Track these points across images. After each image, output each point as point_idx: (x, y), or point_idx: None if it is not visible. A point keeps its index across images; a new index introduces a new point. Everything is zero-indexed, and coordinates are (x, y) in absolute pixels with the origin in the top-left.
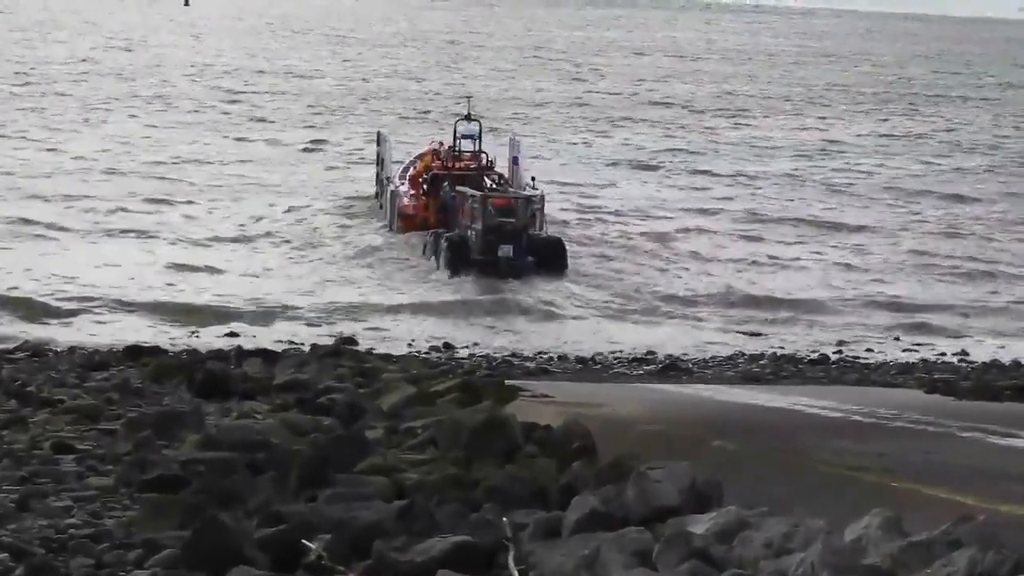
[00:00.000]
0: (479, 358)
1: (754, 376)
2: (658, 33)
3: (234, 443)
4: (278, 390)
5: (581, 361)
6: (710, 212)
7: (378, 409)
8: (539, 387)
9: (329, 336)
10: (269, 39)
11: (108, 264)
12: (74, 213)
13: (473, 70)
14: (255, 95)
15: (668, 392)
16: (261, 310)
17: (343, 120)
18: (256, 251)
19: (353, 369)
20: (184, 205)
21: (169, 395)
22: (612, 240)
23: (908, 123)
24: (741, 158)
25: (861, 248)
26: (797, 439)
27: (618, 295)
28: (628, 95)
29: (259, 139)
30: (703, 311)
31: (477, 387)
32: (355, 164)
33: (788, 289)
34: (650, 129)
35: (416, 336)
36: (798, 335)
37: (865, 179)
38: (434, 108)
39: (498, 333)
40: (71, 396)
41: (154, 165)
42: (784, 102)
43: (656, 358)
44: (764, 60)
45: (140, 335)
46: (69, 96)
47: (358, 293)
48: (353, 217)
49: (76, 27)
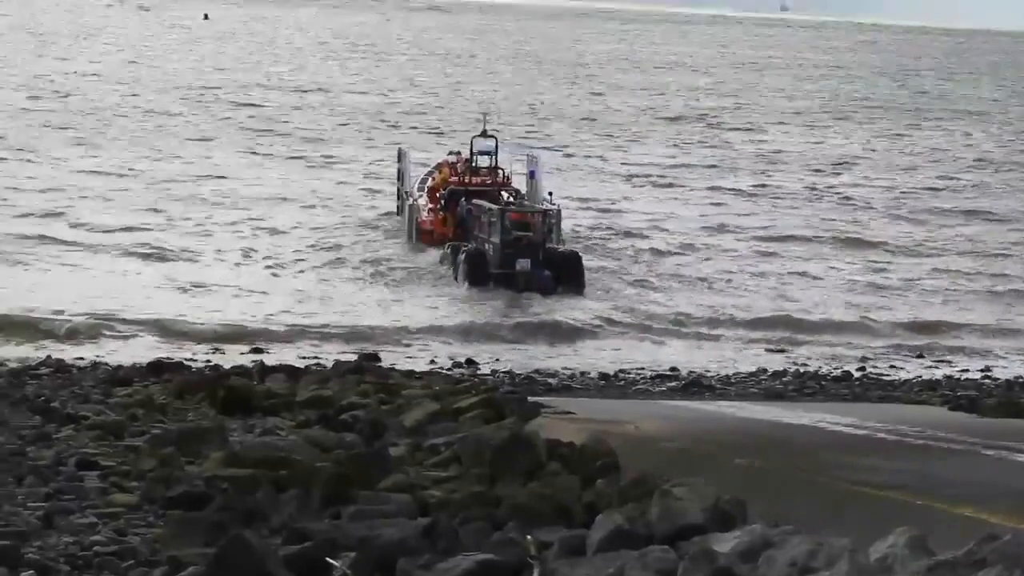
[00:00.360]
0: (502, 374)
1: (777, 393)
2: (671, 46)
3: (257, 460)
4: (301, 406)
5: (604, 377)
6: (728, 228)
7: (401, 426)
8: (562, 404)
9: (351, 352)
10: (285, 53)
11: (127, 282)
12: (91, 231)
13: (484, 84)
14: (272, 109)
15: (691, 409)
16: (283, 327)
17: (361, 135)
18: (276, 268)
19: (376, 385)
20: (202, 221)
21: (192, 411)
22: (632, 256)
23: (926, 136)
24: (758, 172)
25: (882, 264)
26: (821, 456)
27: (639, 311)
28: (643, 108)
29: (278, 154)
30: (724, 327)
31: (500, 404)
32: (371, 178)
33: (810, 306)
34: (666, 143)
35: (438, 352)
36: (821, 352)
37: (883, 194)
38: (450, 122)
39: (520, 350)
40: (95, 412)
41: (171, 182)
42: (798, 115)
43: (679, 375)
44: (777, 72)
45: (162, 352)
46: (89, 114)
47: (380, 309)
48: (374, 233)
49: (96, 41)
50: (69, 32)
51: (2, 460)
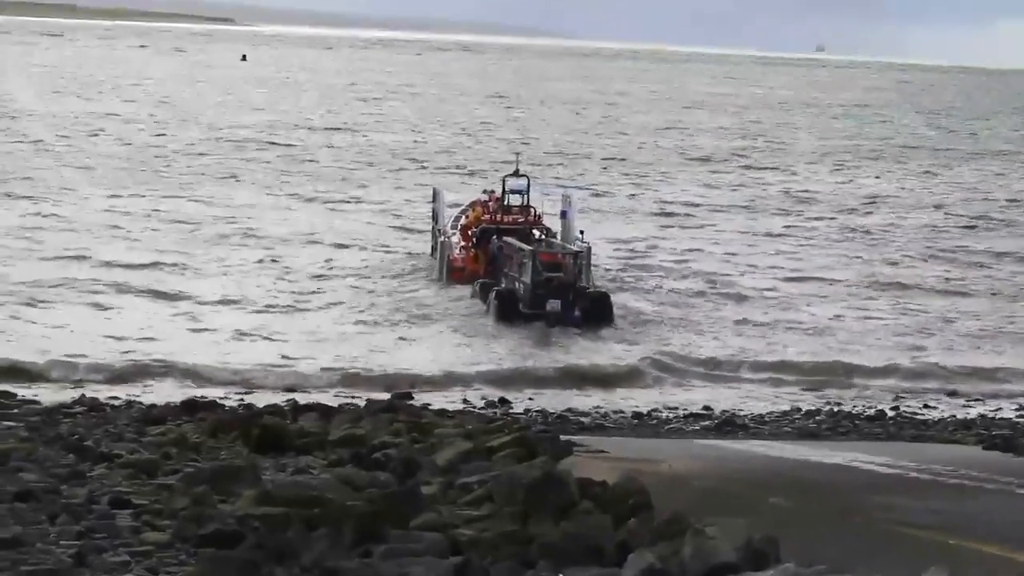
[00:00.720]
0: (534, 413)
1: (810, 432)
2: (703, 87)
3: (290, 498)
4: (334, 445)
5: (637, 416)
6: (760, 268)
7: (433, 464)
8: (594, 443)
9: (384, 391)
10: (318, 93)
11: (154, 325)
12: (122, 272)
13: (513, 124)
14: (301, 150)
15: (724, 448)
16: (316, 367)
17: (391, 175)
18: (308, 308)
19: (408, 424)
20: (231, 262)
21: (226, 450)
22: (664, 296)
23: (956, 176)
24: (789, 212)
25: (915, 304)
26: (854, 496)
27: (671, 351)
28: (673, 147)
29: (306, 194)
30: (757, 367)
31: (532, 442)
32: (402, 218)
33: (843, 345)
34: (696, 182)
35: (471, 391)
36: (854, 391)
37: (916, 233)
38: (480, 162)
39: (553, 389)
40: (128, 451)
41: (198, 222)
42: (828, 155)
43: (712, 414)
44: (808, 111)
45: (196, 392)
46: (115, 156)
47: (412, 348)
48: (407, 273)
49: (129, 83)
50: (104, 75)
51: (36, 498)
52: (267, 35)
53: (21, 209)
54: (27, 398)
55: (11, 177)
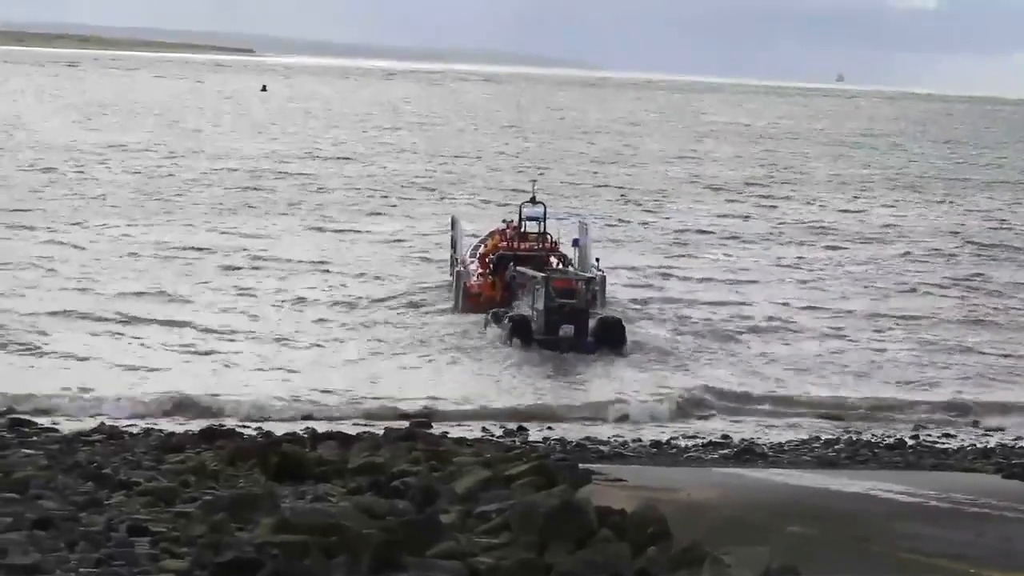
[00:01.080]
0: (553, 442)
1: (830, 461)
2: (719, 116)
3: (308, 526)
4: (352, 473)
5: (655, 445)
6: (775, 298)
7: (452, 492)
8: (613, 471)
9: (403, 419)
10: (339, 122)
11: (174, 355)
12: (133, 302)
13: (527, 154)
14: (315, 178)
15: (743, 476)
16: (333, 396)
17: (408, 204)
18: (324, 338)
19: (427, 452)
20: (248, 292)
21: (244, 478)
22: (679, 326)
23: (972, 204)
24: (803, 242)
25: (935, 333)
26: (874, 524)
27: (690, 380)
28: (688, 177)
29: (323, 224)
30: (775, 396)
31: (551, 471)
32: (417, 247)
33: (862, 373)
34: (709, 212)
35: (489, 420)
36: (874, 420)
37: (934, 262)
38: (494, 191)
39: (571, 417)
40: (147, 478)
41: (209, 251)
42: (845, 185)
43: (731, 442)
44: (823, 142)
45: (215, 419)
46: (126, 187)
47: (431, 377)
48: (424, 303)
49: (151, 113)
50: (120, 104)
51: (55, 526)
52: (287, 66)
53: (34, 238)
54: (46, 426)
55: (24, 207)
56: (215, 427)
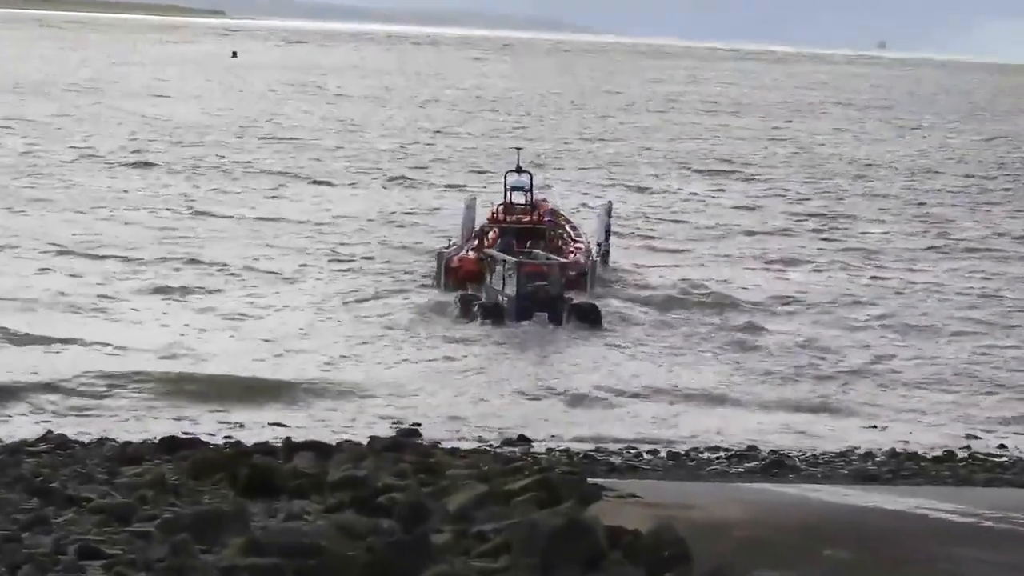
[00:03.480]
0: (558, 452)
1: (870, 475)
2: (740, 87)
3: (282, 548)
4: (332, 488)
5: (673, 457)
6: (799, 291)
7: (444, 510)
8: (626, 486)
9: (389, 427)
10: (318, 95)
11: (135, 344)
12: (110, 283)
13: (533, 128)
14: (308, 153)
15: (773, 492)
16: (317, 398)
17: (413, 182)
18: (314, 331)
19: (416, 465)
20: (240, 272)
21: (209, 493)
22: (702, 320)
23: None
24: (822, 230)
25: (983, 328)
26: (920, 547)
27: (712, 381)
28: (701, 154)
29: (314, 202)
30: (809, 403)
31: (556, 485)
32: (411, 225)
33: (906, 377)
34: (731, 200)
35: (487, 427)
36: (921, 428)
37: (976, 260)
38: (483, 163)
39: (579, 424)
40: (99, 494)
41: (178, 232)
42: (869, 167)
43: (759, 454)
44: (853, 114)
45: (177, 425)
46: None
47: (422, 378)
48: (413, 289)
49: (128, 85)
50: (77, 73)
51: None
52: (260, 29)
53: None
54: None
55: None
56: (177, 436)
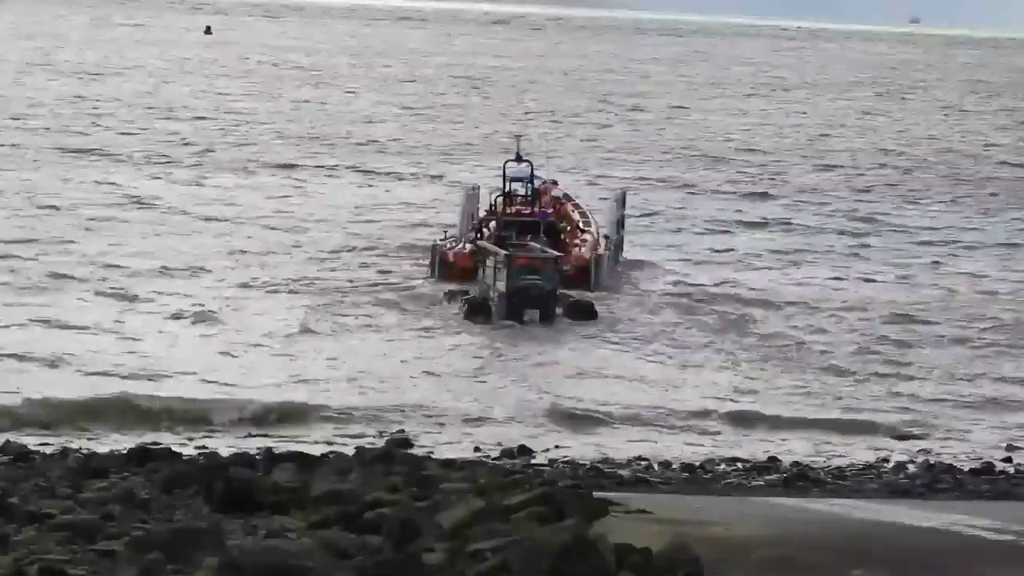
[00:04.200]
0: (562, 464)
1: (902, 488)
2: (758, 66)
3: (261, 568)
4: (316, 503)
5: (687, 469)
6: (821, 300)
7: (438, 527)
8: (635, 500)
9: (378, 436)
10: (300, 77)
11: (98, 345)
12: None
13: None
14: (266, 134)
15: (795, 508)
16: (299, 406)
17: (399, 172)
18: (294, 332)
19: (407, 478)
20: (222, 268)
21: (183, 509)
22: (717, 322)
23: None
24: (843, 231)
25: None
26: (956, 567)
27: (728, 387)
28: (723, 141)
29: (285, 192)
30: (832, 407)
31: (560, 500)
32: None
33: (937, 380)
34: (750, 192)
35: (485, 437)
36: (957, 438)
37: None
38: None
39: (583, 433)
40: (63, 509)
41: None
42: (900, 155)
43: (780, 466)
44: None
45: (147, 435)
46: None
47: (414, 383)
48: (414, 289)
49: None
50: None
51: None
52: (241, 3)
53: None
54: None
55: None
56: (146, 446)
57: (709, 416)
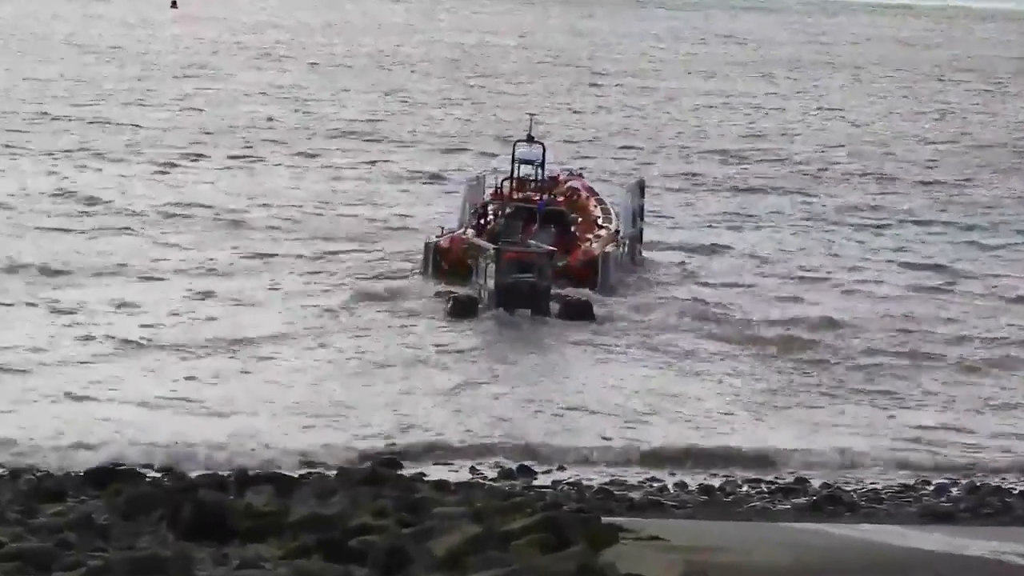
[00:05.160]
0: (567, 486)
1: (944, 513)
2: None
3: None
4: (294, 529)
5: (705, 490)
6: (856, 305)
7: (430, 555)
8: (648, 526)
9: (363, 454)
10: (282, 58)
11: (49, 354)
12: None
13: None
14: (245, 120)
15: (824, 534)
16: (276, 420)
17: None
18: (267, 337)
19: (396, 501)
20: (168, 267)
21: (146, 536)
22: (741, 327)
23: None
24: (882, 222)
25: None
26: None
27: (751, 400)
28: (742, 133)
29: (250, 183)
30: (866, 422)
31: (564, 526)
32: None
33: (988, 397)
34: (776, 188)
35: (481, 455)
36: (1005, 456)
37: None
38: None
39: (590, 450)
40: (13, 536)
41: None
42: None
43: (808, 487)
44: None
45: (106, 452)
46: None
47: (403, 396)
48: (404, 290)
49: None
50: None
51: None
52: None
53: None
54: None
55: None
56: (106, 466)
57: (728, 433)
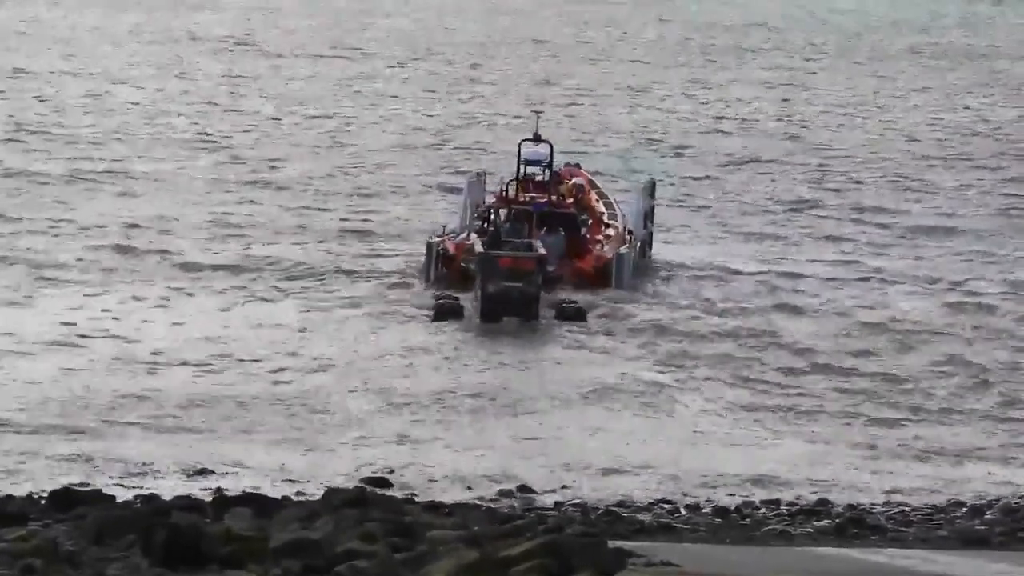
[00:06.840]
0: (571, 508)
1: (978, 537)
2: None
3: None
4: (276, 555)
5: (720, 513)
6: (879, 317)
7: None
8: (658, 551)
9: (350, 474)
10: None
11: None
12: None
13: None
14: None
15: (847, 559)
16: (256, 437)
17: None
18: (249, 349)
19: (386, 524)
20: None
21: (116, 562)
22: (756, 338)
23: None
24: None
25: None
26: None
27: (770, 416)
28: (774, 133)
29: (269, 203)
30: (894, 439)
31: (568, 551)
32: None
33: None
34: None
35: (477, 474)
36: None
37: None
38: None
39: (596, 470)
40: None
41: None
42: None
43: (832, 509)
44: None
45: (72, 471)
46: None
47: (393, 411)
48: (401, 295)
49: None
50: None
51: None
52: None
53: None
54: None
55: None
56: (72, 487)
57: (744, 450)
